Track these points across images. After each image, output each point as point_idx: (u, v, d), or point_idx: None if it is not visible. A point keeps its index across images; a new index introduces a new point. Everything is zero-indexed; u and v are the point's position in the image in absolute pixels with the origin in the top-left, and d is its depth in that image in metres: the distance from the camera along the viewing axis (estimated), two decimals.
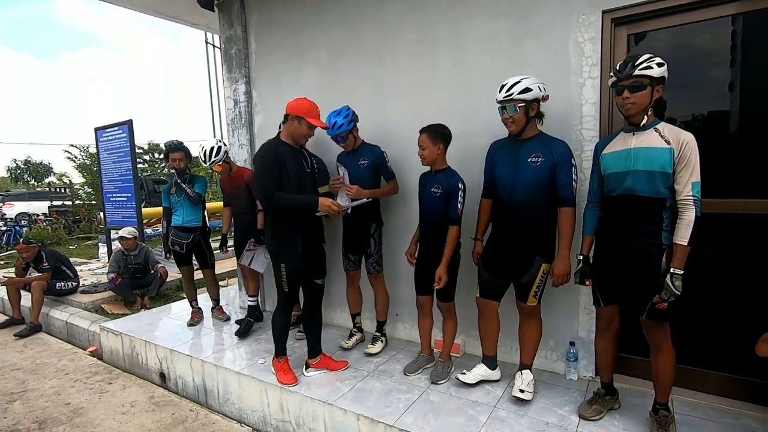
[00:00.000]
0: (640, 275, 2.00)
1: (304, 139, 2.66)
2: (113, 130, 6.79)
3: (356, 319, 3.37)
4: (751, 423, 2.18)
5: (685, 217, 1.88)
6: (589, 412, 2.25)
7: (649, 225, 1.97)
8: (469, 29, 2.89)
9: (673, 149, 1.88)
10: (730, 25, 2.31)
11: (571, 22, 2.53)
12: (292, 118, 2.57)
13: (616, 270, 2.10)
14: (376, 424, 2.32)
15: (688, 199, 1.87)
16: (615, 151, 2.05)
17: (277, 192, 2.48)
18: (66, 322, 4.70)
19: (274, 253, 2.65)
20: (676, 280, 1.87)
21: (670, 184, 1.92)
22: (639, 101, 1.91)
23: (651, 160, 1.93)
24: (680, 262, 1.88)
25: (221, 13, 4.17)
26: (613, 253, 2.10)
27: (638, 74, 1.88)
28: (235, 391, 2.99)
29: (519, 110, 2.23)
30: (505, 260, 2.42)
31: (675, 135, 1.90)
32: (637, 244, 2.00)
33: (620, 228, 2.06)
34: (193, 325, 3.93)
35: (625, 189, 2.01)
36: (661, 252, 1.95)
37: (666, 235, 1.95)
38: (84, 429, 2.86)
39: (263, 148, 2.59)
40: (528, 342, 2.49)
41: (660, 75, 1.88)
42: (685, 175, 1.88)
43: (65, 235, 11.50)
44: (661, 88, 1.90)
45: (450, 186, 2.55)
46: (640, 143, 1.96)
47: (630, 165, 1.98)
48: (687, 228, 1.87)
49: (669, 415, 2.11)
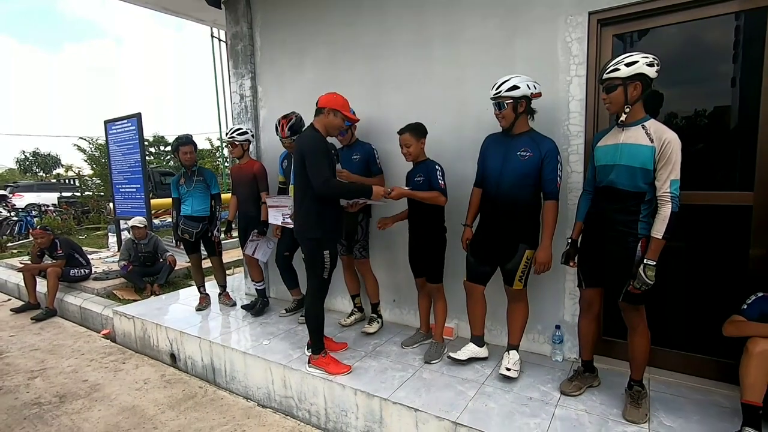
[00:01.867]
0: (616, 261, 2.16)
1: (336, 131, 2.76)
2: (122, 122, 6.98)
3: (355, 299, 3.61)
4: (719, 399, 2.34)
5: (662, 212, 2.01)
6: (570, 388, 2.43)
7: (627, 215, 2.12)
8: (462, 28, 3.02)
9: (655, 147, 2.00)
10: (734, 20, 2.38)
11: (559, 23, 2.66)
12: (328, 111, 2.66)
13: (597, 255, 2.26)
14: (371, 398, 2.51)
15: (666, 195, 1.99)
16: (606, 145, 2.19)
17: (335, 179, 2.63)
18: (80, 306, 4.92)
19: (317, 240, 2.65)
20: (648, 270, 2.02)
21: (651, 179, 2.04)
22: (614, 100, 2.06)
23: (634, 157, 2.05)
24: (654, 254, 2.02)
25: (228, 10, 4.32)
26: (595, 239, 2.27)
27: (606, 77, 2.04)
28: (241, 370, 3.19)
29: (507, 107, 2.38)
30: (491, 246, 2.58)
31: (659, 134, 2.01)
32: (615, 233, 2.15)
33: (602, 216, 2.22)
34: (201, 309, 4.13)
35: (609, 181, 2.16)
36: (637, 240, 2.10)
37: (642, 225, 2.09)
38: (102, 402, 3.08)
39: (314, 138, 2.61)
40: (515, 324, 2.66)
41: (631, 74, 1.99)
42: (665, 172, 2.00)
43: (75, 225, 11.77)
44: (637, 85, 2.00)
45: (429, 170, 2.79)
46: (627, 139, 2.09)
47: (616, 159, 2.12)
48: (663, 222, 2.00)
49: (642, 391, 2.27)
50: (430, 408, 2.33)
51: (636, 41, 2.61)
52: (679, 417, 2.20)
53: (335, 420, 2.69)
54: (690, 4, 2.35)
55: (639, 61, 1.98)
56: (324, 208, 2.65)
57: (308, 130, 2.71)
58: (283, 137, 3.44)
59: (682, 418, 2.20)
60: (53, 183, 19.82)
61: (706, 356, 2.54)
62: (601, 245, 2.22)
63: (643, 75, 1.99)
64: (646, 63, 1.98)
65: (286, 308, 3.96)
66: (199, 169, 4.11)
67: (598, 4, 2.54)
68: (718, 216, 2.49)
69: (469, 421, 2.22)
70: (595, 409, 2.30)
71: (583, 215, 2.37)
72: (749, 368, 1.93)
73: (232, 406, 3.01)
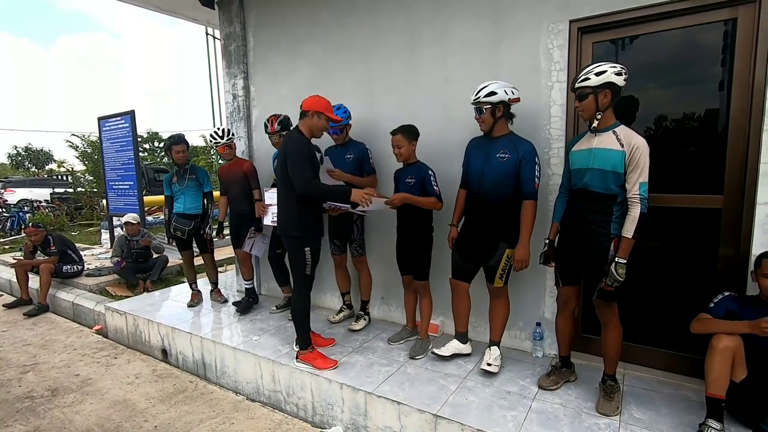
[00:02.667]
0: (591, 260, 2.26)
1: (321, 132, 2.81)
2: (116, 120, 7.01)
3: (345, 297, 3.69)
4: (689, 393, 2.45)
5: (632, 213, 2.12)
6: (547, 383, 2.53)
7: (601, 216, 2.22)
8: (451, 31, 3.10)
9: (625, 152, 2.11)
10: (723, 25, 2.43)
11: (542, 29, 2.75)
12: (312, 114, 2.74)
13: (573, 255, 2.36)
14: (356, 391, 2.59)
15: (635, 197, 2.10)
16: (580, 150, 2.29)
17: (316, 180, 2.70)
18: (72, 302, 4.96)
19: (299, 239, 2.75)
20: (620, 268, 2.12)
21: (621, 182, 2.15)
22: (586, 107, 2.17)
23: (605, 160, 2.16)
24: (624, 253, 2.13)
25: (221, 10, 4.37)
26: (571, 239, 2.37)
27: (578, 86, 2.16)
28: (231, 365, 3.26)
29: (485, 111, 2.50)
30: (474, 245, 2.68)
31: (628, 139, 2.12)
32: (589, 233, 2.26)
33: (577, 217, 2.32)
34: (193, 306, 4.19)
35: (583, 184, 2.27)
36: (610, 240, 2.20)
37: (615, 226, 2.19)
38: (93, 396, 3.14)
39: (297, 140, 2.71)
40: (496, 320, 2.75)
41: (600, 82, 2.10)
42: (634, 176, 2.11)
43: (67, 221, 11.76)
44: (607, 93, 2.11)
45: (422, 174, 2.87)
46: (599, 144, 2.20)
47: (589, 163, 2.22)
48: (633, 223, 2.10)
49: (615, 385, 2.38)
50: (413, 401, 2.42)
51: (628, 44, 2.70)
52: (650, 410, 2.31)
53: (322, 413, 2.77)
54: (664, 15, 2.45)
55: (608, 71, 2.09)
56: (304, 208, 2.74)
57: (293, 132, 2.79)
58: (272, 132, 3.52)
59: (652, 410, 2.30)
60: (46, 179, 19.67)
61: (678, 353, 2.64)
62: (577, 245, 2.32)
63: (612, 83, 2.10)
64: (614, 72, 2.09)
65: (276, 305, 4.03)
66: (191, 167, 4.17)
67: (579, 12, 2.63)
68: (692, 218, 2.59)
69: (449, 413, 2.31)
70: (571, 402, 2.40)
71: (560, 216, 2.47)
72: (713, 363, 2.04)
73: (221, 399, 3.08)
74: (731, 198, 2.40)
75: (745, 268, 2.36)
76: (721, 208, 2.44)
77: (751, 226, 2.33)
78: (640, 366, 2.73)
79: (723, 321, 2.10)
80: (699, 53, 2.49)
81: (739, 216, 2.39)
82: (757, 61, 2.27)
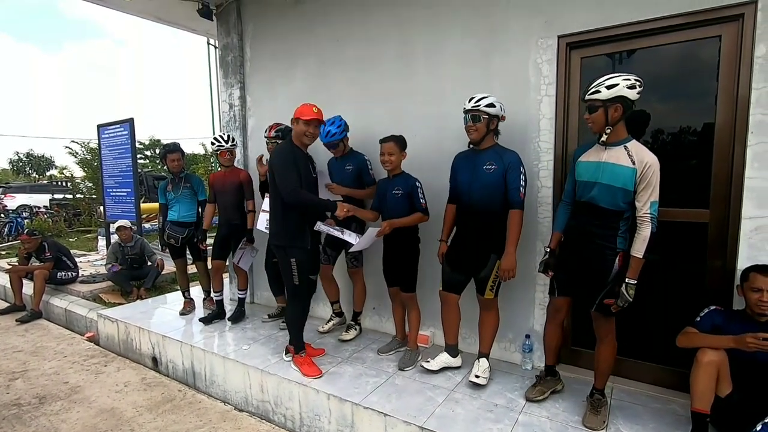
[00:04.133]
0: (594, 273, 2.23)
1: (306, 138, 2.80)
2: (115, 127, 7.05)
3: (334, 306, 3.67)
4: (676, 408, 2.44)
5: (642, 232, 2.08)
6: (534, 393, 2.52)
7: (606, 230, 2.19)
8: (443, 44, 3.15)
9: (637, 170, 2.06)
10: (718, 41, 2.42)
11: (531, 44, 2.79)
12: (293, 121, 2.80)
13: (574, 266, 2.33)
14: (343, 402, 2.58)
15: (646, 216, 2.07)
16: (588, 161, 2.25)
17: (302, 190, 2.70)
18: (65, 309, 4.95)
19: (283, 248, 2.80)
20: (630, 289, 2.09)
21: (630, 199, 2.11)
22: (595, 120, 2.12)
23: (615, 177, 2.12)
24: (635, 273, 2.10)
25: (219, 22, 4.44)
26: (573, 251, 2.34)
27: (588, 98, 2.11)
28: (221, 374, 3.24)
29: (482, 120, 2.50)
30: (464, 256, 2.68)
31: (640, 156, 2.07)
32: (594, 246, 2.23)
33: (582, 229, 2.29)
34: (185, 314, 4.18)
35: (590, 197, 2.22)
36: (615, 255, 2.18)
37: (620, 240, 2.17)
38: (81, 404, 3.12)
39: (283, 149, 2.76)
40: (485, 332, 2.74)
41: (611, 96, 2.03)
42: (645, 194, 2.06)
43: (65, 227, 11.77)
44: (618, 107, 2.05)
45: (410, 185, 2.90)
46: (610, 158, 2.14)
47: (597, 177, 2.18)
48: (643, 243, 2.07)
49: (603, 399, 2.37)
50: (399, 413, 2.41)
51: (617, 60, 2.74)
52: (636, 424, 2.29)
53: (309, 424, 2.76)
54: (650, 32, 2.49)
55: (619, 84, 2.02)
56: (289, 217, 2.76)
57: (283, 143, 2.84)
58: (268, 137, 3.54)
59: (639, 425, 2.29)
60: (46, 184, 19.76)
61: (667, 366, 2.64)
62: (580, 257, 2.29)
63: (624, 98, 2.03)
64: (626, 86, 2.02)
65: (269, 314, 4.02)
66: (186, 175, 4.20)
67: (567, 28, 2.67)
68: (681, 232, 2.60)
69: (435, 425, 2.30)
70: (558, 416, 2.39)
71: (562, 226, 2.43)
72: (698, 377, 2.03)
73: (209, 409, 3.06)
74: (717, 212, 2.42)
75: (731, 282, 2.36)
76: (708, 222, 2.45)
77: (736, 240, 2.34)
78: (629, 379, 2.72)
79: (708, 335, 2.10)
80: (687, 69, 2.52)
81: (725, 230, 2.40)
82: (741, 77, 2.30)
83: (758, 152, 2.24)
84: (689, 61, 2.51)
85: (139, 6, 4.57)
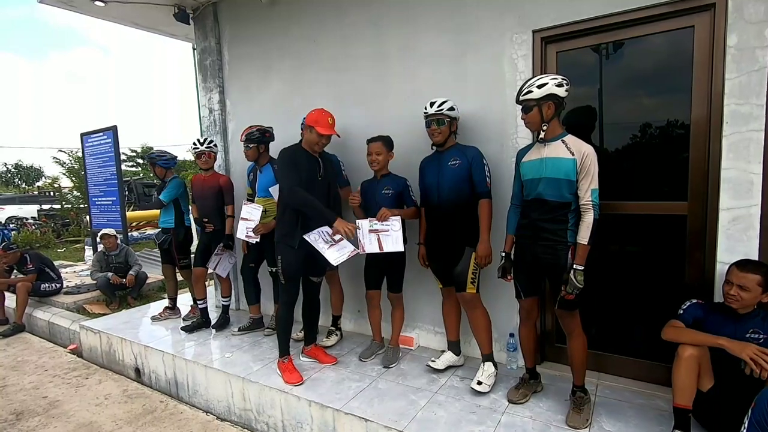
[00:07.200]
0: (549, 269, 2.26)
1: (317, 146, 2.79)
2: (98, 135, 6.96)
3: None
4: (660, 403, 2.41)
5: (585, 219, 2.14)
6: (516, 396, 2.48)
7: (556, 224, 2.22)
8: (418, 44, 3.11)
9: (576, 160, 2.14)
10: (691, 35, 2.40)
11: (505, 40, 2.76)
12: (306, 127, 2.79)
13: (531, 265, 2.34)
14: (324, 409, 2.53)
15: (588, 204, 2.13)
16: (531, 160, 2.31)
17: (302, 190, 2.66)
18: (48, 321, 4.86)
19: (277, 244, 2.85)
20: (578, 275, 2.12)
21: (574, 190, 2.17)
22: (531, 119, 2.23)
23: (557, 169, 2.18)
24: (581, 259, 2.13)
25: (196, 26, 4.38)
26: (527, 249, 2.35)
27: (522, 99, 2.21)
28: (203, 383, 3.18)
29: (446, 124, 2.58)
30: (440, 253, 2.70)
31: (578, 147, 2.16)
32: (546, 242, 2.25)
33: (533, 227, 2.31)
34: (160, 320, 4.15)
35: (537, 194, 2.27)
36: (567, 248, 2.20)
37: (571, 234, 2.20)
38: (58, 420, 3.05)
39: (285, 150, 2.78)
40: (480, 333, 2.68)
41: (542, 95, 2.14)
42: (586, 183, 2.14)
43: (54, 238, 11.62)
44: (550, 105, 2.16)
45: (401, 185, 2.92)
46: (550, 153, 2.22)
47: (541, 172, 2.23)
48: (587, 229, 2.12)
49: (585, 396, 2.34)
50: (381, 418, 2.37)
51: (611, 53, 2.69)
52: (619, 421, 2.26)
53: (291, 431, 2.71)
54: (622, 24, 2.47)
55: (549, 83, 2.14)
56: (284, 215, 2.80)
57: (291, 145, 2.86)
58: (241, 140, 3.51)
59: (621, 422, 2.26)
60: (35, 195, 19.53)
61: (650, 361, 2.61)
62: (534, 255, 2.30)
63: (554, 95, 2.14)
64: (555, 84, 2.14)
65: (240, 326, 3.79)
66: (170, 180, 4.12)
67: (539, 23, 2.64)
68: (661, 225, 2.57)
69: (417, 429, 2.26)
70: (541, 415, 2.35)
71: (514, 228, 2.47)
72: (679, 372, 2.00)
73: (190, 420, 3.00)
74: (695, 204, 2.40)
75: (711, 274, 2.34)
76: (686, 215, 2.43)
77: (715, 232, 2.32)
78: (614, 375, 2.69)
79: (699, 333, 2.03)
80: (666, 62, 2.48)
81: (703, 222, 2.38)
82: (715, 69, 2.28)
83: (733, 142, 2.22)
84: (668, 54, 2.48)
85: (114, 12, 4.49)
